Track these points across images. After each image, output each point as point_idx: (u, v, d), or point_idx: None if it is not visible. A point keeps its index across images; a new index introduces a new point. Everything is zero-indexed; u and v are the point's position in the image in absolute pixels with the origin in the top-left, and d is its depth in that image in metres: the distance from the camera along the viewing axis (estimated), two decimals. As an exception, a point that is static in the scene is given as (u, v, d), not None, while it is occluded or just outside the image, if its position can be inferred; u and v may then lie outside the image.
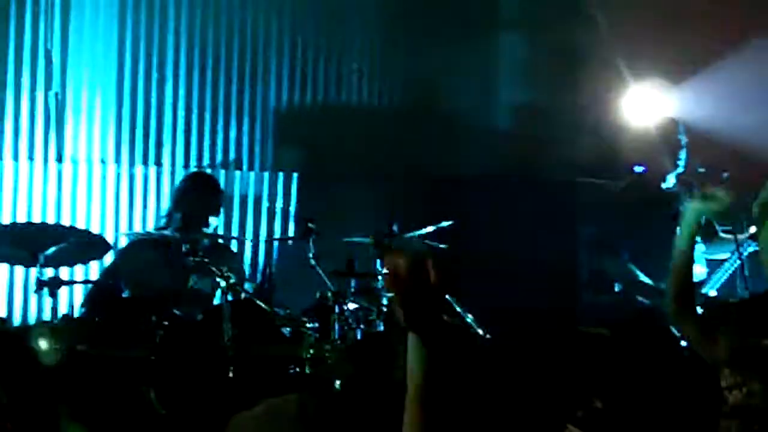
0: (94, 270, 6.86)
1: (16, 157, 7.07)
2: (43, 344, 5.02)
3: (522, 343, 5.79)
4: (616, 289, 6.08)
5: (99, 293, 6.04)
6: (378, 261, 6.05)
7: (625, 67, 7.08)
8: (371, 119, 7.97)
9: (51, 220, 7.03)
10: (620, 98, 6.89)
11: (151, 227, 7.10)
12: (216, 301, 5.77)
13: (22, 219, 6.97)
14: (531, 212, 7.11)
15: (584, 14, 7.52)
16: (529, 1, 8.15)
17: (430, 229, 6.18)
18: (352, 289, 5.96)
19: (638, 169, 6.11)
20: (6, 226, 6.51)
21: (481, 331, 5.15)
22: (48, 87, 7.16)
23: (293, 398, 2.71)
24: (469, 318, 5.14)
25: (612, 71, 7.13)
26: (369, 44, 7.96)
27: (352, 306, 5.61)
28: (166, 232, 6.04)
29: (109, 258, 6.39)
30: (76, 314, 6.58)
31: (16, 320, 6.95)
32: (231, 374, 5.11)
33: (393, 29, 7.96)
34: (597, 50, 7.38)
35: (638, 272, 5.82)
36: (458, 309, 5.06)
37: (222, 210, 6.48)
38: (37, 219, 7.01)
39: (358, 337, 5.51)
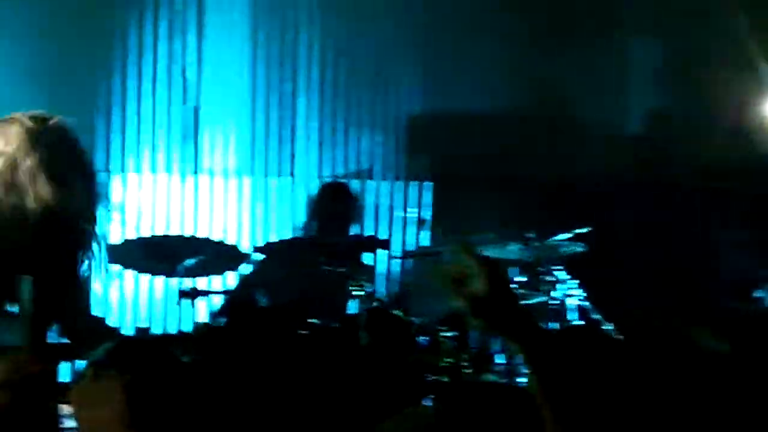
0: (231, 280, 6.94)
1: (154, 170, 7.19)
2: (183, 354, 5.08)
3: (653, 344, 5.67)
4: (758, 295, 5.92)
5: (236, 303, 6.10)
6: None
7: (764, 70, 6.90)
8: (504, 125, 7.89)
9: (188, 231, 7.14)
10: (758, 101, 6.72)
11: (286, 237, 7.15)
12: (352, 310, 5.76)
13: (160, 231, 7.09)
14: (665, 217, 6.99)
15: (721, 15, 7.34)
16: (662, 2, 7.99)
17: (567, 235, 6.09)
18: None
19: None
20: (146, 238, 6.64)
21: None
22: (184, 101, 7.28)
23: (431, 408, 2.69)
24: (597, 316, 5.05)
25: (750, 74, 6.96)
26: (501, 49, 7.89)
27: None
28: (301, 242, 6.08)
29: (245, 268, 6.45)
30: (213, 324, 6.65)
31: (157, 330, 7.06)
32: (368, 383, 5.10)
33: (525, 34, 7.87)
34: (734, 52, 7.20)
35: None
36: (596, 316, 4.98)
37: (357, 219, 6.49)
38: (175, 231, 7.12)
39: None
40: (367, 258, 6.59)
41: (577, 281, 5.85)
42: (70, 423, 2.51)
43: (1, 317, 2.19)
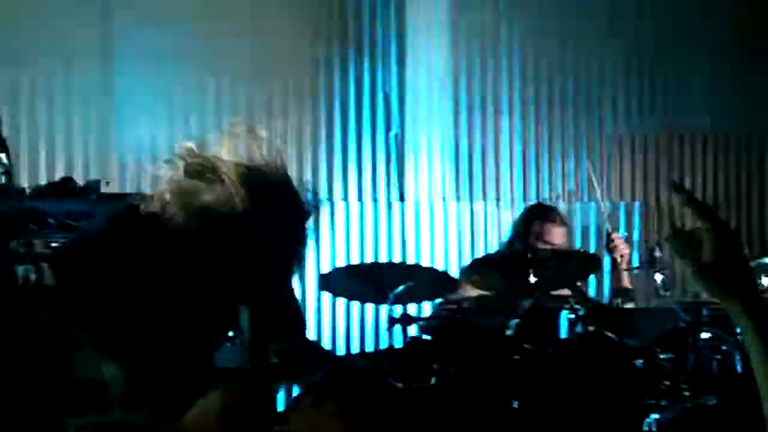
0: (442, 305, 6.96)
1: (360, 198, 7.27)
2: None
3: None
4: None
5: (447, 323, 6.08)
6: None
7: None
8: (714, 144, 7.75)
9: (396, 258, 7.18)
10: None
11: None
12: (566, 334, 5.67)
13: (368, 258, 7.15)
14: None
15: None
16: None
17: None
18: (705, 318, 5.72)
19: None
20: (355, 266, 6.71)
21: None
22: (388, 128, 7.34)
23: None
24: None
25: None
26: (710, 68, 7.73)
27: (705, 335, 5.40)
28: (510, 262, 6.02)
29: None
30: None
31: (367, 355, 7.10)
32: (584, 408, 5.01)
33: (734, 52, 7.70)
34: None
35: None
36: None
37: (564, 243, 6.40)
38: (383, 257, 7.17)
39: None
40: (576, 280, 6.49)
41: None
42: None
43: (223, 342, 2.22)
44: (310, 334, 6.99)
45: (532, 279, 5.58)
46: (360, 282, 5.98)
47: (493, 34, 7.52)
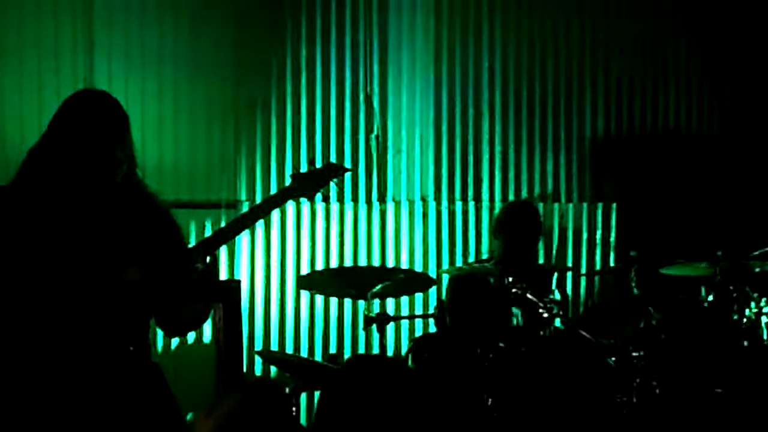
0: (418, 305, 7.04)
1: (341, 199, 7.31)
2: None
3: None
4: None
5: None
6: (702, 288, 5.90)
7: None
8: (690, 144, 7.81)
9: (375, 258, 7.23)
10: None
11: (472, 262, 7.19)
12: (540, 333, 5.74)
13: (348, 258, 7.20)
14: None
15: None
16: None
17: (757, 252, 5.95)
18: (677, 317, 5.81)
19: None
20: (335, 269, 6.77)
21: None
22: (369, 130, 7.39)
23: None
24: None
25: None
26: (684, 69, 7.83)
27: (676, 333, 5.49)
28: (487, 265, 6.09)
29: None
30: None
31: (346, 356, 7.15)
32: (556, 403, 5.07)
33: (710, 51, 7.78)
34: None
35: None
36: None
37: (542, 242, 6.47)
38: (362, 258, 7.22)
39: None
40: (550, 280, 6.56)
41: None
42: None
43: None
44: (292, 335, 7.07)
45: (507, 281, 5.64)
46: (339, 284, 6.05)
47: (475, 37, 7.57)
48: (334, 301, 7.11)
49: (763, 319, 5.69)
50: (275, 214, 7.02)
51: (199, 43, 6.98)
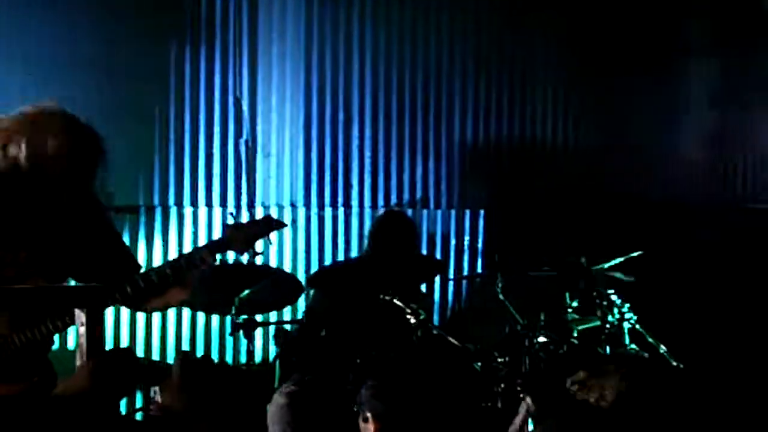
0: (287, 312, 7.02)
1: (209, 204, 7.26)
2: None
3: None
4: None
5: (299, 334, 6.13)
6: (567, 294, 6.00)
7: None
8: (557, 153, 7.94)
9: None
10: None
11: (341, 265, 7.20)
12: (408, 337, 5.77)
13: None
14: (721, 240, 6.97)
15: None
16: (717, 26, 8.00)
17: (619, 260, 6.08)
18: (542, 323, 5.90)
19: None
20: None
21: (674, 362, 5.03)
22: (238, 134, 7.35)
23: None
24: (662, 349, 5.03)
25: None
26: (554, 78, 7.96)
27: (542, 339, 5.56)
28: (357, 272, 6.11)
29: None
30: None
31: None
32: (425, 409, 5.09)
33: (577, 62, 7.92)
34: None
35: None
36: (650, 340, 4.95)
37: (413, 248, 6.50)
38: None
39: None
40: (420, 286, 6.60)
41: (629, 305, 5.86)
42: None
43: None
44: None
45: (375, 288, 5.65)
46: (208, 288, 5.98)
47: (345, 42, 7.59)
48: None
49: (626, 325, 5.82)
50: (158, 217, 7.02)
51: (58, 43, 6.80)
